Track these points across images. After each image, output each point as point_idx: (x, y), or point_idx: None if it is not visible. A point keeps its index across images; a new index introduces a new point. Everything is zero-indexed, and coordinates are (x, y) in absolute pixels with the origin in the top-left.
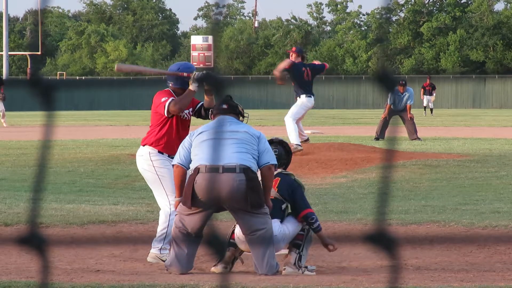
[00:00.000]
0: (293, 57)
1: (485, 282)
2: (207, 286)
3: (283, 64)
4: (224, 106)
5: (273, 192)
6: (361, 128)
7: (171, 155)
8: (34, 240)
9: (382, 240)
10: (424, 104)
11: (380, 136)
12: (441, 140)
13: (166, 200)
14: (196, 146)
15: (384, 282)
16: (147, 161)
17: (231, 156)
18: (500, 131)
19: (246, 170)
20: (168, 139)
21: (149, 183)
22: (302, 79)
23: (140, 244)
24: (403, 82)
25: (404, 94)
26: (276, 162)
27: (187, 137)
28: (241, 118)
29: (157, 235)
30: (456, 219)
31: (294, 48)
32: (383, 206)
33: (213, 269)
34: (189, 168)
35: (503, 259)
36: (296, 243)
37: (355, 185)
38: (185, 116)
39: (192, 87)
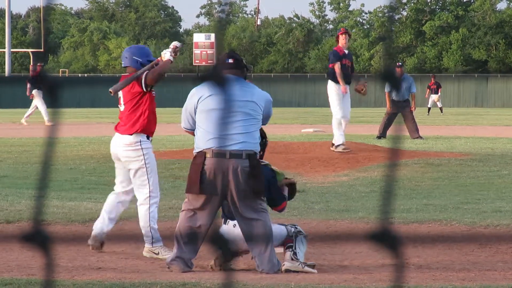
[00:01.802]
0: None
1: (487, 281)
2: (209, 284)
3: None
4: (230, 61)
5: None
6: (363, 127)
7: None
8: (38, 238)
9: (386, 238)
10: (429, 105)
11: (382, 134)
12: (443, 139)
13: (147, 193)
14: (202, 112)
15: (385, 281)
16: (137, 151)
17: (238, 138)
18: (502, 130)
19: (251, 156)
20: (149, 119)
21: (133, 172)
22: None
23: (141, 241)
24: (400, 64)
25: (402, 78)
26: (266, 123)
27: (190, 100)
28: (245, 71)
29: (143, 231)
30: (458, 218)
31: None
32: (387, 204)
33: (212, 263)
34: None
35: (505, 258)
36: (288, 246)
37: (357, 184)
38: (154, 92)
39: (170, 57)
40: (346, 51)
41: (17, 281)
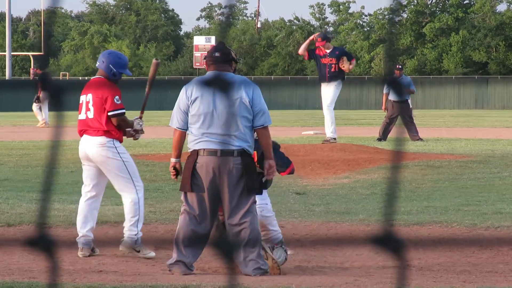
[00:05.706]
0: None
1: (488, 283)
2: (210, 287)
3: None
4: (217, 54)
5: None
6: (364, 129)
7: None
8: (42, 242)
9: (388, 241)
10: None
11: (382, 137)
12: (444, 141)
13: (132, 187)
14: (193, 116)
15: (386, 283)
16: (111, 149)
17: (228, 139)
18: (503, 132)
19: (243, 153)
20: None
21: (112, 171)
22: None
23: (143, 244)
24: (399, 67)
25: (400, 79)
26: (271, 122)
27: (182, 96)
28: (234, 64)
29: (129, 224)
30: (458, 220)
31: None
32: (389, 207)
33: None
34: (187, 129)
35: (506, 260)
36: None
37: (358, 186)
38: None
39: (137, 126)
40: (328, 51)
41: (18, 284)
